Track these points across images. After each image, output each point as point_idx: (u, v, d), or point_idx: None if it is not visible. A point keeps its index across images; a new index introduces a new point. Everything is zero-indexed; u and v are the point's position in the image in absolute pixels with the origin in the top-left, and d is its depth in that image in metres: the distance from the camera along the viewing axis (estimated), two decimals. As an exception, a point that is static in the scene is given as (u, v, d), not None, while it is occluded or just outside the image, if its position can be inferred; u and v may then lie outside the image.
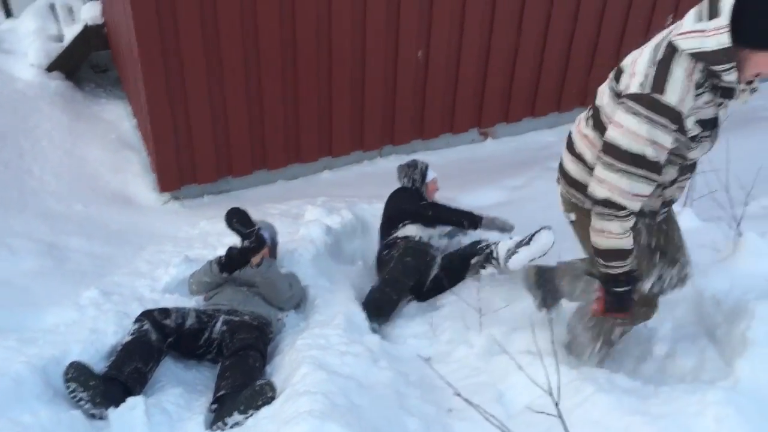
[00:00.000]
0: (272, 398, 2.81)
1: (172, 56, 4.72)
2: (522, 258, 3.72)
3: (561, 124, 6.49)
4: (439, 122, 5.95)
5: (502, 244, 3.82)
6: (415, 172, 4.54)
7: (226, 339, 3.32)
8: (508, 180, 5.56)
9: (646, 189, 2.23)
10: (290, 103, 5.26)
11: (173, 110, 4.92)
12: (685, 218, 4.24)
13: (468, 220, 4.18)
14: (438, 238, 4.38)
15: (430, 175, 4.58)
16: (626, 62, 2.28)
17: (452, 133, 6.09)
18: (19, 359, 2.83)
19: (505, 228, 4.17)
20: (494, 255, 3.83)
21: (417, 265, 3.94)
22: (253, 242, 3.63)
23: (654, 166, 2.18)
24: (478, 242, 4.03)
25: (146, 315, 3.25)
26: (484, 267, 3.89)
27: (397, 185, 4.60)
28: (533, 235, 3.73)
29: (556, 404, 1.91)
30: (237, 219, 3.67)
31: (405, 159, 5.61)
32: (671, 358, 2.85)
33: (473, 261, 3.93)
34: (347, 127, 5.58)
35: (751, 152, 5.16)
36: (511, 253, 3.75)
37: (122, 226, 4.89)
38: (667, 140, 2.13)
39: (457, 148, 6.15)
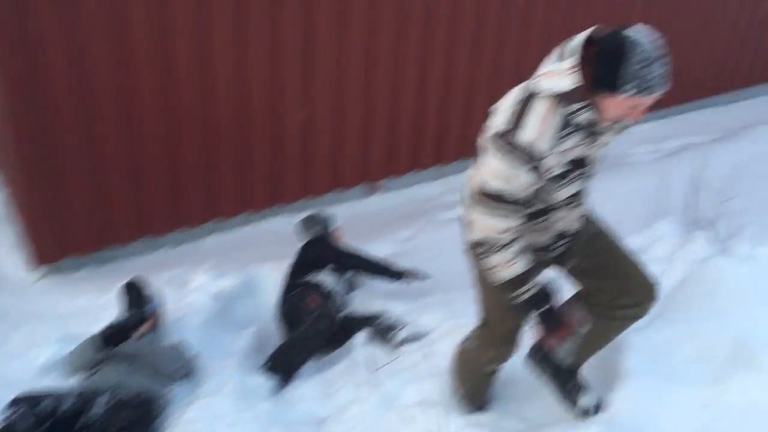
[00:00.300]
0: None
1: (45, 121, 4.53)
2: None
3: (444, 175, 6.71)
4: (327, 179, 6.00)
5: (407, 329, 3.88)
6: (319, 223, 4.61)
7: (109, 420, 3.15)
8: (396, 233, 5.67)
9: (513, 222, 2.30)
10: (173, 166, 5.15)
11: (48, 179, 4.70)
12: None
13: (390, 273, 4.29)
14: (344, 290, 4.43)
15: (334, 224, 4.64)
16: (498, 103, 2.37)
17: (340, 189, 6.15)
18: None
19: (424, 278, 4.31)
20: (391, 334, 3.88)
21: (329, 329, 3.95)
22: (136, 318, 3.52)
23: (515, 204, 2.25)
24: (380, 316, 4.07)
25: (19, 401, 3.05)
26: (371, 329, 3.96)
27: (294, 242, 4.62)
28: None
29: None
30: (133, 293, 3.57)
31: (295, 218, 5.64)
32: (555, 397, 2.96)
33: (370, 330, 3.98)
34: (234, 188, 5.52)
35: (616, 195, 5.55)
36: (406, 341, 3.83)
37: (-7, 306, 4.58)
38: (524, 178, 2.19)
39: (346, 204, 6.20)
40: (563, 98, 2.13)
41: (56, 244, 4.99)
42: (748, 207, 4.72)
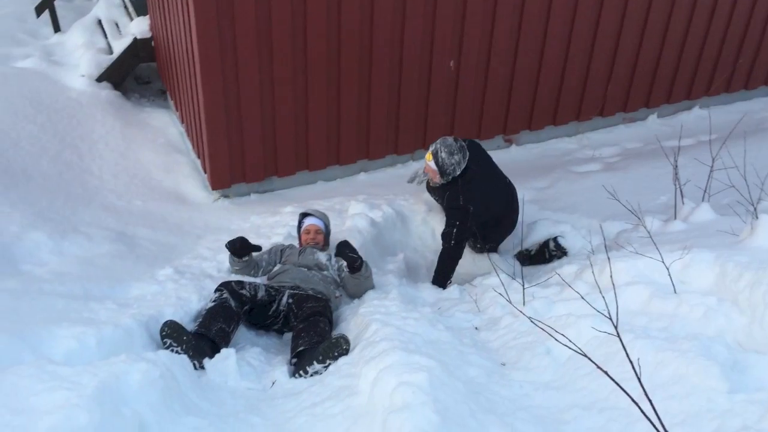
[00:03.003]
0: (347, 350, 3.18)
1: (229, 67, 5.12)
2: None
3: (580, 132, 6.90)
4: (468, 128, 6.35)
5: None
6: None
7: (294, 309, 3.69)
8: (534, 182, 5.94)
9: None
10: (332, 109, 5.67)
11: (227, 115, 5.31)
12: (703, 211, 4.64)
13: None
14: None
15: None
16: None
17: (479, 138, 6.47)
18: (125, 315, 3.21)
19: None
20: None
21: None
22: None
23: None
24: None
25: (225, 285, 3.64)
26: None
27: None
28: None
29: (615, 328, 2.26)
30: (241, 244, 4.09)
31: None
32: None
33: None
34: (383, 131, 5.98)
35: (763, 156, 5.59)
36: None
37: (179, 219, 5.28)
38: None
39: (484, 153, 6.54)
40: None
41: (229, 173, 5.63)
42: None
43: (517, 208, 4.83)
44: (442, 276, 4.46)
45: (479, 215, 4.45)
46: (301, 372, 3.15)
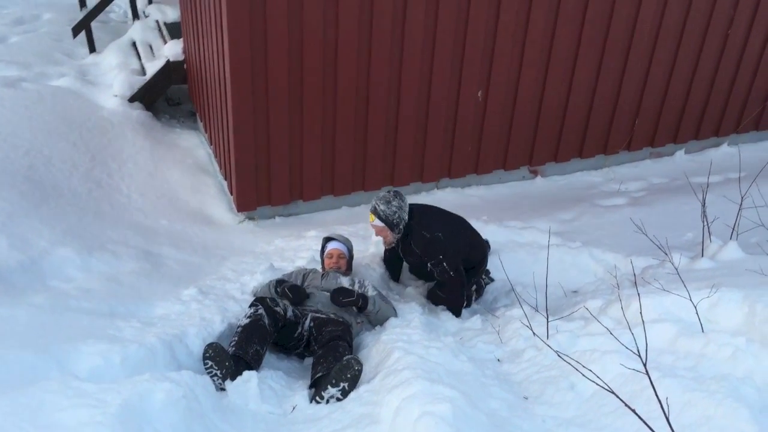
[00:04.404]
0: (359, 371, 3.18)
1: (259, 92, 5.20)
2: None
3: (606, 166, 6.87)
4: (493, 159, 6.36)
5: None
6: None
7: (314, 333, 3.70)
8: (558, 213, 5.92)
9: None
10: (359, 135, 5.71)
11: (255, 139, 5.38)
12: (731, 249, 4.58)
13: None
14: None
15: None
16: None
17: (504, 169, 6.49)
18: (149, 334, 3.23)
19: None
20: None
21: None
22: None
23: None
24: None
25: (261, 301, 3.66)
26: None
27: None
28: None
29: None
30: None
31: (460, 191, 6.06)
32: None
33: None
34: (409, 159, 6.01)
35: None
36: None
37: (204, 240, 5.32)
38: None
39: (509, 184, 6.54)
40: None
41: (255, 195, 5.67)
42: None
43: (468, 225, 4.60)
44: (457, 306, 4.41)
45: (447, 240, 4.24)
46: (317, 398, 3.15)
